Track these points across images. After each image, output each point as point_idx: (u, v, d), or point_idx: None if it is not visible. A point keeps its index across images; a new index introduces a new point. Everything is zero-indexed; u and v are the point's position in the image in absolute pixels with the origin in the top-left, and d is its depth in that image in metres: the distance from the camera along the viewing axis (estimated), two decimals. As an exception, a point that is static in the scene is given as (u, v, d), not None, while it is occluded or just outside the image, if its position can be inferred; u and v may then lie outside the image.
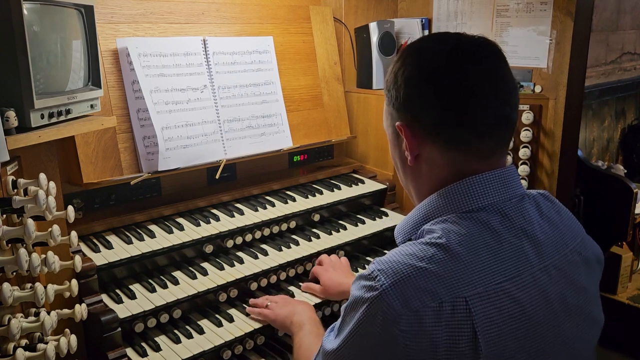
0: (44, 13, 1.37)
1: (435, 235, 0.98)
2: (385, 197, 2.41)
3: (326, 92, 2.51)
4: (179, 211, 2.01)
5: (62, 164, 1.69)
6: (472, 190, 1.02)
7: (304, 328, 1.52)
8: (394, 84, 1.08)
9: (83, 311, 1.32)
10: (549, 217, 1.07)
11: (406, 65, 1.06)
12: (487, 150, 1.04)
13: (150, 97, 1.93)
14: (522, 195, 1.07)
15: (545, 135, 2.32)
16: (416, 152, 1.07)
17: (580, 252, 1.08)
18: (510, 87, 1.04)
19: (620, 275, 3.23)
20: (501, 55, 1.06)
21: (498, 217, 1.01)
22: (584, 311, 1.04)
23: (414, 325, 0.90)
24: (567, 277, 1.03)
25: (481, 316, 0.90)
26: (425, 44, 1.11)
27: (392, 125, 1.12)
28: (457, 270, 0.93)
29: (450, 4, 2.57)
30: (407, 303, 0.90)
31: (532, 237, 1.01)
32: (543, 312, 0.97)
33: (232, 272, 1.81)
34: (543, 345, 0.96)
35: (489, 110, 1.01)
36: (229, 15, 2.24)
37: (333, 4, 2.61)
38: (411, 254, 0.96)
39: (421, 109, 1.04)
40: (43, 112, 1.35)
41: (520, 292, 0.95)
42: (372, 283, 0.95)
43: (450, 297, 0.90)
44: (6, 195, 1.23)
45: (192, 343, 1.61)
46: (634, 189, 2.84)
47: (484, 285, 0.93)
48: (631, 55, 4.48)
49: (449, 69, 1.01)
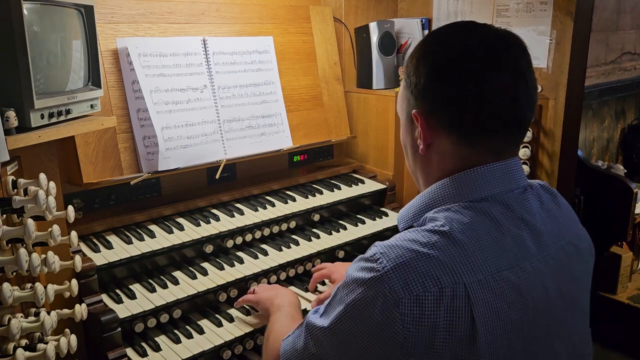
0: (44, 13, 1.37)
1: (439, 223, 0.99)
2: (385, 197, 2.41)
3: (326, 92, 2.51)
4: (179, 211, 2.01)
5: (62, 164, 1.69)
6: (476, 180, 1.04)
7: (282, 309, 1.51)
8: (416, 70, 1.07)
9: (83, 311, 1.32)
10: (549, 208, 1.09)
11: (430, 54, 1.06)
12: (499, 147, 1.05)
13: (150, 97, 1.93)
14: (525, 186, 1.08)
15: (545, 135, 2.32)
16: (429, 142, 1.08)
17: (575, 243, 1.10)
18: (530, 87, 1.04)
19: (620, 275, 3.23)
20: (526, 52, 1.05)
21: (500, 207, 1.02)
22: (576, 301, 1.07)
23: (415, 309, 0.91)
24: (563, 267, 1.05)
25: (480, 302, 0.92)
26: (451, 36, 1.08)
27: (408, 112, 1.12)
28: (458, 257, 0.94)
29: (450, 4, 2.57)
30: (408, 287, 0.92)
31: (533, 227, 1.03)
32: (540, 300, 0.99)
33: (232, 272, 1.81)
34: (539, 332, 0.98)
35: (507, 110, 1.02)
36: (229, 15, 2.24)
37: (333, 4, 2.61)
38: (414, 240, 0.97)
39: (440, 103, 1.04)
40: (43, 112, 1.35)
41: (519, 280, 0.97)
42: (373, 265, 0.96)
43: (451, 283, 0.92)
44: (6, 195, 1.23)
45: (192, 343, 1.61)
46: (634, 189, 2.84)
47: (484, 273, 0.94)
48: (631, 55, 4.48)
49: (472, 68, 1.01)
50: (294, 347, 1.13)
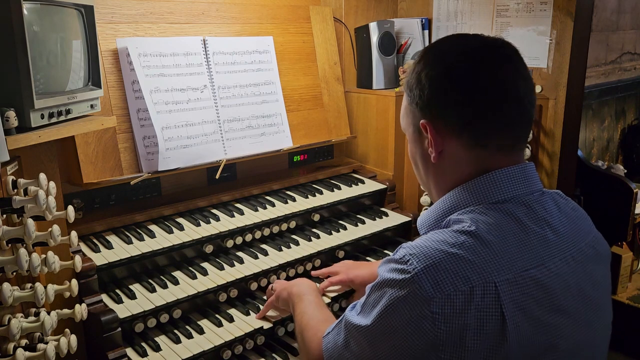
0: (44, 13, 1.37)
1: (465, 224, 1.02)
2: (385, 197, 2.41)
3: (326, 92, 2.51)
4: (179, 211, 2.01)
5: (62, 164, 1.69)
6: (497, 183, 1.07)
7: (304, 298, 1.52)
8: (418, 83, 1.11)
9: (83, 311, 1.32)
10: (566, 212, 1.12)
11: (430, 66, 1.10)
12: (509, 146, 1.09)
13: (150, 97, 1.94)
14: (542, 190, 1.12)
15: (545, 135, 2.32)
16: (440, 149, 1.10)
17: (595, 246, 1.12)
18: (529, 85, 1.09)
19: (620, 275, 3.23)
20: (520, 57, 1.11)
21: (523, 209, 1.05)
22: (600, 304, 1.08)
23: (446, 307, 0.94)
24: (584, 269, 1.07)
25: (509, 301, 0.95)
26: (446, 45, 1.14)
27: (415, 124, 1.15)
28: (487, 256, 0.97)
29: (450, 4, 2.57)
30: (439, 286, 0.94)
31: (554, 228, 1.06)
32: (565, 299, 1.01)
33: (232, 272, 1.81)
34: (565, 331, 1.00)
35: (511, 107, 1.06)
36: (229, 15, 2.24)
37: (333, 4, 2.61)
38: (442, 241, 1.00)
39: (446, 108, 1.08)
40: (43, 112, 1.35)
41: (545, 279, 1.00)
42: (404, 267, 0.99)
43: (481, 282, 0.95)
44: (6, 195, 1.23)
45: (192, 343, 1.61)
46: (634, 189, 2.84)
47: (513, 272, 0.97)
48: (631, 55, 4.48)
49: (472, 70, 1.06)
50: (335, 344, 1.15)
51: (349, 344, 1.11)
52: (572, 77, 2.23)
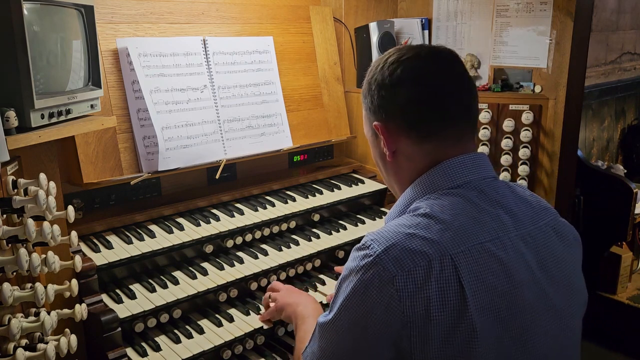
0: (44, 13, 1.37)
1: (421, 210, 1.09)
2: (385, 197, 2.41)
3: (326, 92, 2.51)
4: (179, 211, 2.01)
5: (62, 164, 1.69)
6: (450, 170, 1.15)
7: (306, 321, 1.51)
8: (368, 91, 1.22)
9: (83, 311, 1.32)
10: (522, 196, 1.18)
11: (375, 74, 1.21)
12: (455, 137, 1.17)
13: (150, 97, 1.94)
14: (494, 176, 1.19)
15: (545, 135, 2.32)
16: (393, 148, 1.19)
17: (554, 227, 1.17)
18: (470, 83, 1.19)
19: (620, 275, 3.23)
20: (459, 59, 1.22)
21: (475, 192, 1.13)
22: (566, 281, 1.13)
23: (408, 283, 0.99)
24: (543, 247, 1.12)
25: (466, 271, 1.01)
26: (387, 55, 1.22)
27: (370, 128, 1.24)
28: (442, 232, 1.04)
29: (450, 3, 2.58)
30: (399, 263, 1.00)
31: (507, 208, 1.13)
32: (523, 272, 1.06)
33: (232, 272, 1.81)
34: (526, 303, 1.05)
35: (452, 102, 1.15)
36: (229, 15, 2.24)
37: (333, 4, 2.61)
38: (400, 224, 1.07)
39: (393, 111, 1.17)
40: (43, 112, 1.35)
41: (500, 252, 1.06)
42: (366, 251, 1.05)
43: (437, 255, 1.01)
44: (6, 195, 1.23)
45: (192, 343, 1.61)
46: (634, 189, 2.85)
47: (467, 244, 1.04)
48: (631, 55, 4.48)
49: (414, 72, 1.15)
50: (312, 353, 1.17)
51: (322, 347, 1.12)
52: (572, 77, 2.23)
